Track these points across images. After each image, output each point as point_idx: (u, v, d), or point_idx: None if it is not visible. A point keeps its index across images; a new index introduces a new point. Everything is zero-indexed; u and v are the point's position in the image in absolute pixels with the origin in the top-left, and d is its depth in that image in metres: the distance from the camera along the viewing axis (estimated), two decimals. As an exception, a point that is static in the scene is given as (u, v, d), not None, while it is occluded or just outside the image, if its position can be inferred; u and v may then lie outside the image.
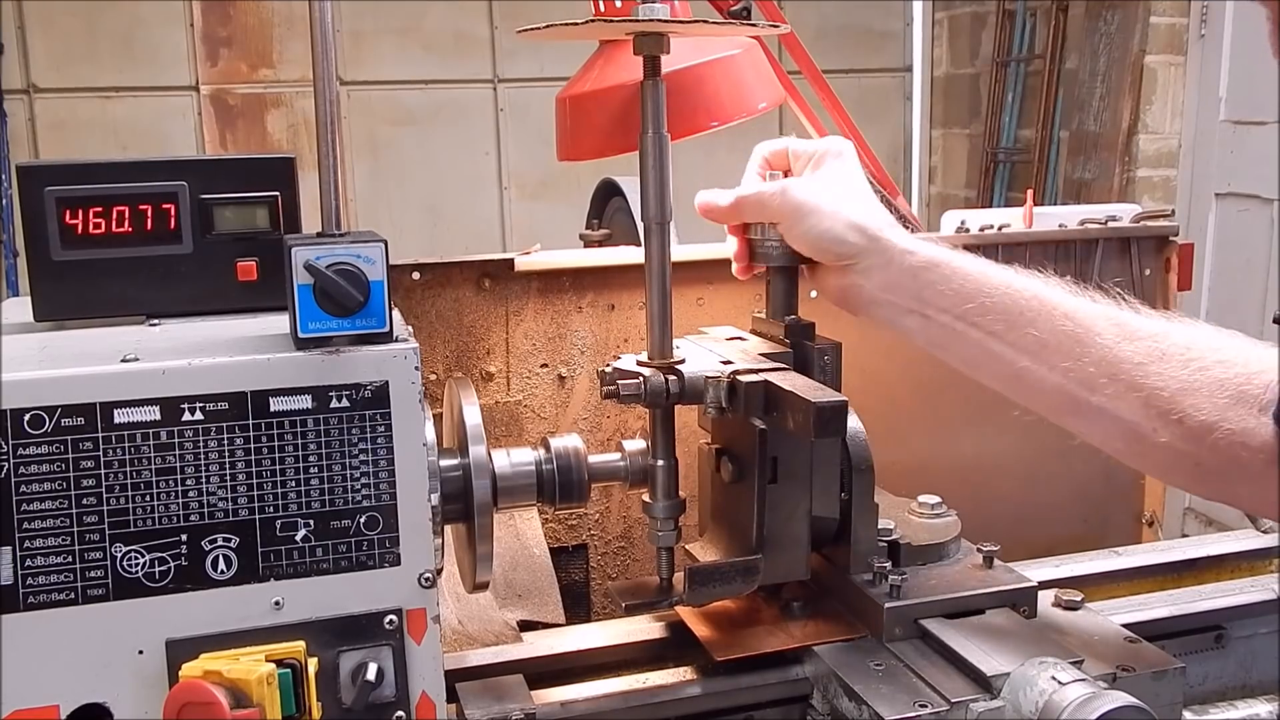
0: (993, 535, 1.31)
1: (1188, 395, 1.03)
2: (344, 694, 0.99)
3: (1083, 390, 1.09)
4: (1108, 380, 1.07)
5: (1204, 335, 1.08)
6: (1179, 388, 1.04)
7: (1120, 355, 1.07)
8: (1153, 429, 1.05)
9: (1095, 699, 1.00)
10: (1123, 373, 1.06)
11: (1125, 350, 1.07)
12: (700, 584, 1.20)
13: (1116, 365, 1.07)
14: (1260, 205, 4.30)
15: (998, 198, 5.84)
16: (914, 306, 1.17)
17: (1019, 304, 1.12)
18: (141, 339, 1.07)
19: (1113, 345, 1.08)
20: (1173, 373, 1.04)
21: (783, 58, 2.32)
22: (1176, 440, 1.04)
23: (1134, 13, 4.65)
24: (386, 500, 1.01)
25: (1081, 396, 1.09)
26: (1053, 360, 1.10)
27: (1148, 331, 1.08)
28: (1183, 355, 1.05)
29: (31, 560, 0.93)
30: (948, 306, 1.15)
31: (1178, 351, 1.06)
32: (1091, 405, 1.08)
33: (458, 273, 1.53)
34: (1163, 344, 1.07)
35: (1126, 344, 1.08)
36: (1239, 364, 1.03)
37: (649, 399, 1.18)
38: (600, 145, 1.59)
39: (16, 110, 5.47)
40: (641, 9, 1.14)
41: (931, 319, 1.16)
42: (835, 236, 1.17)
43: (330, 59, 1.03)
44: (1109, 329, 1.09)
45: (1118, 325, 1.09)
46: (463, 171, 6.08)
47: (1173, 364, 1.05)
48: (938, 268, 1.16)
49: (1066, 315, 1.11)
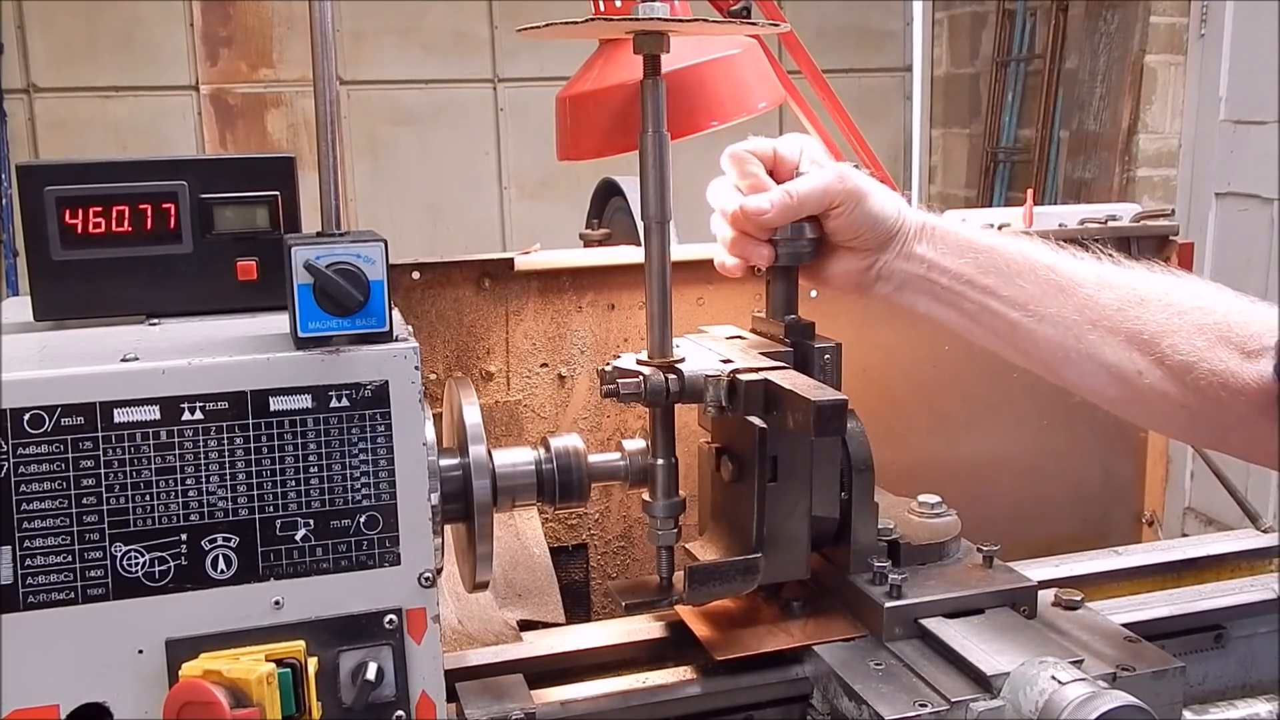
0: (992, 535, 1.31)
1: (1165, 336, 1.09)
2: (344, 693, 0.99)
3: (1070, 338, 1.14)
4: (1090, 326, 1.13)
5: (1183, 283, 1.14)
6: (1157, 329, 1.09)
7: (1100, 301, 1.13)
8: (1137, 371, 1.10)
9: (1095, 698, 1.00)
10: (1104, 318, 1.12)
11: (1105, 297, 1.13)
12: (700, 583, 1.20)
13: (1098, 311, 1.13)
14: (1260, 205, 4.30)
15: (998, 197, 5.83)
16: (920, 270, 1.22)
17: (1006, 259, 1.19)
18: (141, 339, 1.07)
19: (1094, 293, 1.14)
20: (1151, 316, 1.10)
21: (783, 57, 2.32)
22: (1160, 381, 1.09)
23: (1134, 12, 4.65)
24: (386, 500, 1.01)
25: (1070, 344, 1.14)
26: (1040, 311, 1.16)
27: (1126, 280, 1.14)
28: (1161, 300, 1.11)
29: (31, 560, 0.93)
30: (947, 266, 1.21)
31: (1156, 296, 1.12)
32: (1080, 352, 1.14)
33: (458, 272, 1.53)
34: (1141, 290, 1.13)
35: (1106, 291, 1.14)
36: (1218, 311, 1.09)
37: (649, 398, 1.18)
38: (600, 145, 1.59)
39: (16, 110, 5.46)
40: (641, 8, 1.14)
41: (935, 281, 1.21)
42: (885, 213, 1.22)
43: (330, 59, 1.03)
44: (1090, 279, 1.15)
45: (1098, 276, 1.16)
46: (463, 171, 6.08)
47: (1150, 308, 1.11)
48: (934, 229, 1.22)
49: (1050, 268, 1.17)
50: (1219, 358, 1.05)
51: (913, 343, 1.67)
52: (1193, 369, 1.06)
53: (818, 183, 1.21)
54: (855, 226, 1.22)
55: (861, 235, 1.22)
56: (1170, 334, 1.08)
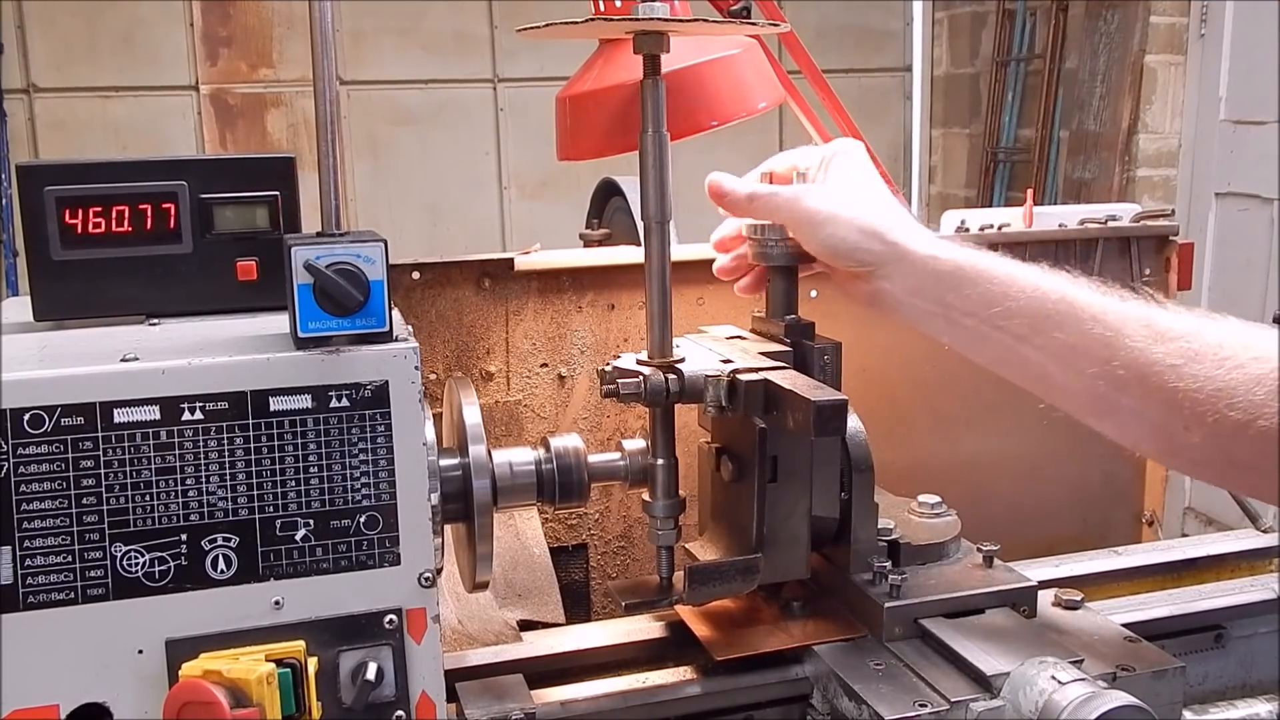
0: (993, 535, 1.31)
1: (1223, 395, 1.00)
2: (344, 693, 0.99)
3: (1113, 392, 1.07)
4: (1138, 382, 1.05)
5: (1234, 331, 1.05)
6: (1214, 389, 1.01)
7: (1152, 358, 1.04)
8: (1184, 428, 1.03)
9: (1095, 698, 1.00)
10: (1154, 375, 1.04)
11: (1156, 352, 1.04)
12: (700, 583, 1.20)
13: (1148, 368, 1.04)
14: (1260, 205, 4.30)
15: (998, 197, 5.83)
16: (938, 310, 1.15)
17: (1045, 307, 1.10)
18: (141, 339, 1.07)
19: (1143, 347, 1.05)
20: (1207, 373, 1.02)
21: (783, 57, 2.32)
22: (1209, 438, 1.02)
23: (1134, 12, 4.65)
24: (386, 500, 1.01)
25: (1111, 399, 1.07)
26: (1080, 365, 1.08)
27: (1179, 331, 1.06)
28: (1215, 354, 1.02)
29: (31, 560, 0.93)
30: (973, 310, 1.13)
31: (1210, 351, 1.03)
32: (1121, 407, 1.07)
33: (458, 272, 1.53)
34: (1194, 344, 1.04)
35: (1157, 345, 1.05)
36: (1272, 358, 1.01)
37: (649, 398, 1.18)
38: (600, 145, 1.58)
39: (16, 110, 5.46)
40: (641, 8, 1.14)
41: (957, 322, 1.14)
42: (853, 245, 1.16)
43: (330, 59, 1.03)
44: (1139, 330, 1.06)
45: (1147, 326, 1.07)
46: (463, 171, 6.08)
47: (1206, 364, 1.02)
48: (961, 271, 1.14)
49: (1094, 318, 1.08)
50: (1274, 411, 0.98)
51: (913, 343, 1.66)
52: (1247, 428, 0.99)
53: (775, 196, 1.21)
54: (820, 252, 1.19)
55: (836, 260, 1.18)
56: (1228, 392, 1.00)
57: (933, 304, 1.15)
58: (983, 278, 1.13)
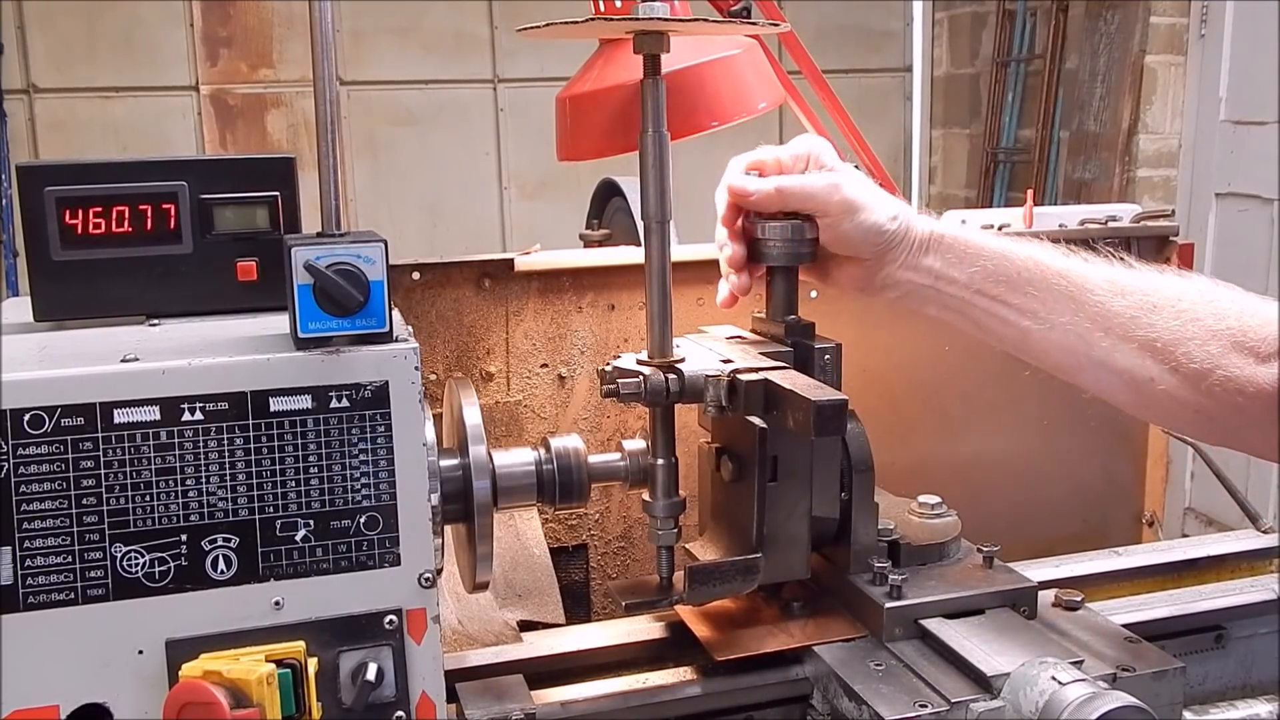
0: (993, 535, 1.31)
1: (1179, 344, 1.08)
2: (344, 694, 0.99)
3: (1083, 345, 1.14)
4: (1104, 334, 1.13)
5: (1196, 287, 1.13)
6: (1171, 337, 1.09)
7: (1114, 309, 1.13)
8: (1150, 378, 1.10)
9: (1095, 699, 1.00)
10: (1117, 326, 1.12)
11: (1117, 304, 1.13)
12: (700, 583, 1.20)
13: (1110, 319, 1.13)
14: (1260, 205, 4.29)
15: (998, 198, 5.83)
16: (926, 281, 1.22)
17: (1016, 267, 1.18)
18: (141, 339, 1.07)
19: (1106, 300, 1.14)
20: (1164, 323, 1.10)
21: (783, 58, 2.32)
22: (1174, 388, 1.09)
23: (1134, 13, 4.65)
24: (386, 500, 1.01)
25: (1082, 351, 1.14)
26: (1051, 318, 1.16)
27: (1139, 285, 1.14)
28: (1174, 306, 1.11)
29: (31, 560, 0.93)
30: (955, 275, 1.20)
31: (1169, 303, 1.11)
32: (1093, 359, 1.14)
33: (458, 273, 1.53)
34: (1154, 297, 1.12)
35: (1119, 299, 1.13)
36: (1232, 315, 1.08)
37: (649, 397, 1.18)
38: (600, 145, 1.59)
39: (16, 110, 5.46)
40: (641, 8, 1.14)
41: (942, 290, 1.21)
42: (880, 228, 1.21)
43: (330, 59, 1.03)
44: (1102, 285, 1.15)
45: (1110, 281, 1.15)
46: (463, 171, 6.07)
47: (1164, 315, 1.10)
48: (941, 239, 1.22)
49: (1060, 274, 1.17)
50: (1233, 364, 1.05)
51: (913, 343, 1.67)
52: (1207, 376, 1.06)
53: (807, 185, 1.22)
54: (846, 239, 1.22)
55: (855, 248, 1.23)
56: (1184, 341, 1.08)
57: (922, 275, 1.22)
58: (959, 242, 1.21)
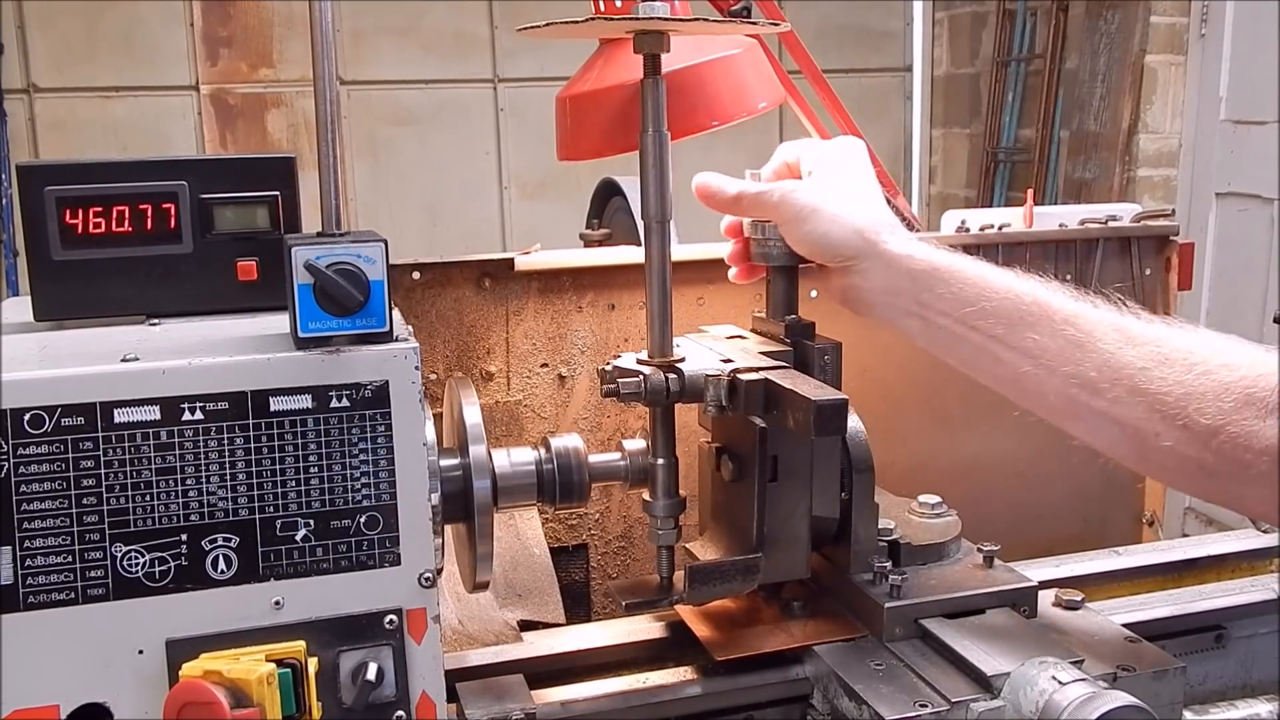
0: (993, 535, 1.31)
1: (1192, 400, 1.02)
2: (344, 694, 0.99)
3: (1084, 394, 1.08)
4: (1110, 385, 1.07)
5: (1206, 340, 1.07)
6: (1183, 392, 1.03)
7: (1123, 360, 1.07)
8: (1156, 433, 1.05)
9: (1096, 699, 1.00)
10: (1125, 377, 1.06)
11: (1128, 355, 1.07)
12: (700, 582, 1.20)
13: (1119, 370, 1.07)
14: (1260, 205, 4.29)
15: (998, 197, 5.83)
16: (914, 309, 1.18)
17: (1020, 308, 1.12)
18: (141, 339, 1.07)
19: (1115, 350, 1.07)
20: (1176, 377, 1.04)
21: (783, 57, 2.32)
22: (1180, 444, 1.03)
23: (1134, 12, 4.65)
24: (386, 500, 1.01)
25: (1083, 401, 1.09)
26: (1053, 365, 1.10)
27: (1150, 336, 1.08)
28: (1185, 360, 1.05)
29: (31, 560, 0.93)
30: (947, 310, 1.15)
31: (1180, 356, 1.05)
32: (1093, 410, 1.08)
33: (458, 272, 1.53)
34: (1165, 349, 1.06)
35: (1129, 349, 1.07)
36: (1243, 367, 1.03)
37: (649, 397, 1.18)
38: (600, 145, 1.58)
39: (16, 110, 5.46)
40: (641, 7, 1.14)
41: (931, 321, 1.17)
42: (833, 239, 1.18)
43: (330, 59, 1.03)
44: (1110, 334, 1.09)
45: (1119, 330, 1.09)
46: (463, 171, 6.08)
47: (1176, 369, 1.04)
48: (936, 272, 1.16)
49: (1067, 320, 1.11)
50: (1244, 419, 1.00)
51: (912, 343, 1.67)
52: (1218, 434, 1.01)
53: (759, 193, 1.22)
54: (801, 245, 1.21)
55: (815, 254, 1.21)
56: (1196, 397, 1.03)
57: (908, 302, 1.17)
58: (957, 278, 1.15)
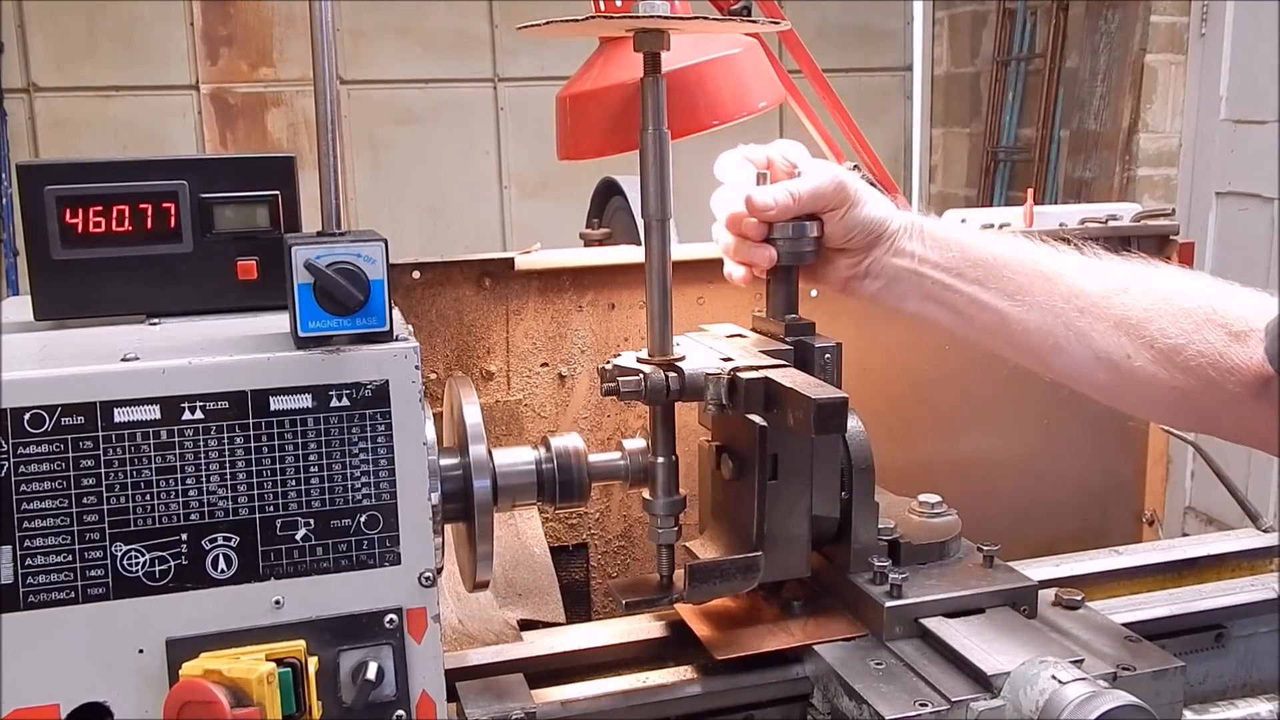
0: (993, 534, 1.31)
1: (1152, 320, 1.12)
2: (344, 693, 0.99)
3: (1059, 325, 1.18)
4: (1079, 312, 1.17)
5: (1163, 271, 1.18)
6: (1143, 314, 1.13)
7: (1087, 289, 1.17)
8: (1126, 355, 1.13)
9: (1096, 698, 1.00)
10: (1091, 304, 1.16)
11: (1091, 285, 1.18)
12: (701, 581, 1.20)
13: (1085, 298, 1.17)
14: (1260, 204, 4.29)
15: (998, 197, 5.83)
16: (909, 265, 1.25)
17: (993, 253, 1.23)
18: (142, 338, 1.07)
19: (1079, 281, 1.18)
20: (1135, 301, 1.14)
21: (783, 57, 2.32)
22: (1148, 364, 1.12)
23: (1134, 12, 4.64)
24: (387, 499, 1.01)
25: (1059, 331, 1.18)
26: (1029, 299, 1.20)
27: (1110, 269, 1.19)
28: (1144, 287, 1.15)
29: (31, 559, 0.93)
30: (937, 260, 1.24)
31: (1139, 284, 1.16)
32: (1069, 339, 1.17)
33: (458, 272, 1.53)
34: (1125, 279, 1.17)
35: (1091, 280, 1.18)
36: (1200, 295, 1.12)
37: (649, 396, 1.18)
38: (600, 144, 1.58)
39: (16, 109, 5.46)
40: (641, 6, 1.14)
41: (924, 275, 1.25)
42: (878, 217, 1.26)
43: (330, 58, 1.03)
44: (1075, 268, 1.20)
45: (1082, 265, 1.21)
46: (463, 171, 6.07)
47: (1135, 295, 1.15)
48: (921, 227, 1.27)
49: (1037, 260, 1.22)
50: (1206, 339, 1.09)
51: (913, 343, 1.67)
52: (1181, 350, 1.09)
53: (815, 184, 1.25)
54: (848, 230, 1.26)
55: (854, 238, 1.26)
56: (1157, 317, 1.12)
57: (905, 259, 1.26)
58: (938, 230, 1.27)
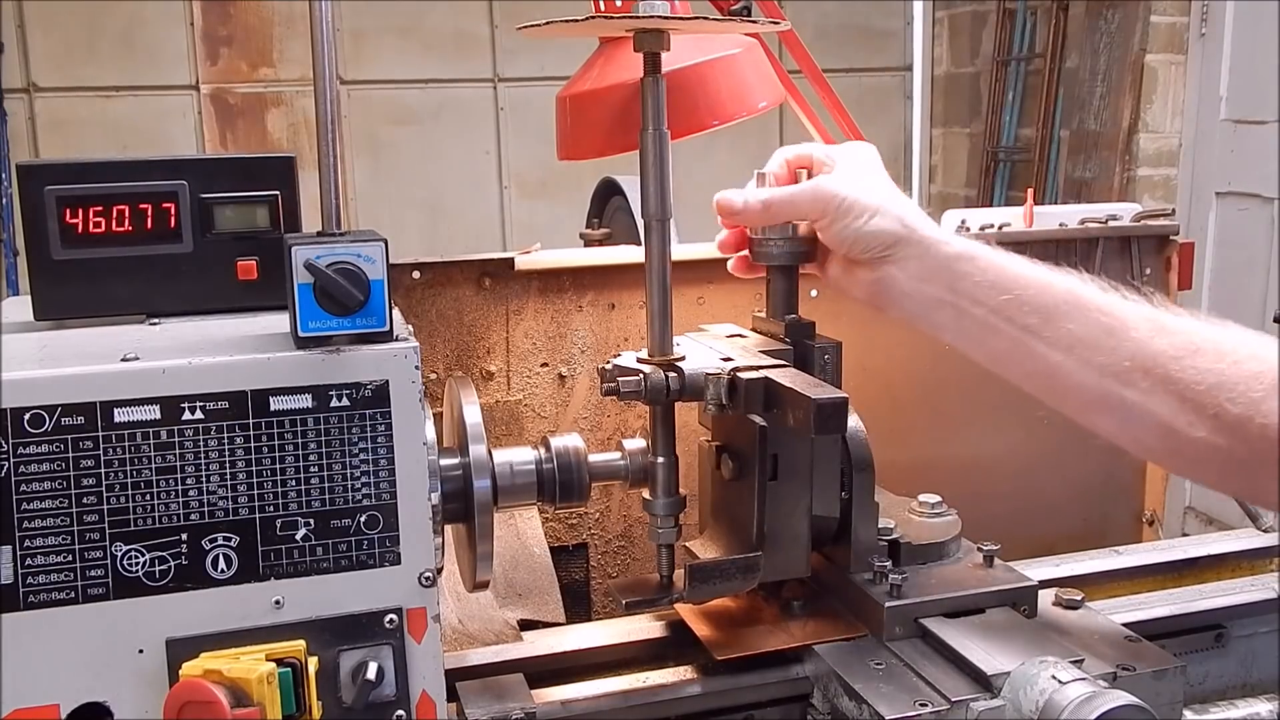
0: (993, 534, 1.31)
1: (1224, 389, 1.02)
2: (344, 693, 0.99)
3: (1117, 385, 1.08)
4: (1143, 375, 1.06)
5: (1233, 332, 1.07)
6: (1215, 381, 1.03)
7: (1156, 349, 1.06)
8: (1188, 423, 1.04)
9: (1096, 698, 1.00)
10: (1158, 366, 1.06)
11: (1160, 344, 1.06)
12: (701, 581, 1.20)
13: (1152, 359, 1.06)
14: (1260, 204, 4.29)
15: (998, 197, 5.83)
16: (948, 298, 1.15)
17: (1055, 299, 1.11)
18: (142, 338, 1.07)
19: (1148, 339, 1.07)
20: (1208, 365, 1.04)
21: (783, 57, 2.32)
22: (1212, 434, 1.03)
23: (1134, 12, 4.64)
24: (387, 499, 1.01)
25: (1115, 392, 1.08)
26: (1088, 355, 1.09)
27: (1180, 327, 1.08)
28: (1215, 349, 1.05)
29: (31, 559, 0.93)
30: (983, 299, 1.13)
31: (1210, 346, 1.05)
32: (1125, 402, 1.08)
33: (458, 272, 1.53)
34: (1195, 339, 1.06)
35: (1161, 338, 1.07)
36: (1269, 360, 1.03)
37: (649, 396, 1.18)
38: (600, 144, 1.58)
39: (16, 109, 5.46)
40: (641, 6, 1.14)
41: (965, 311, 1.15)
42: (876, 228, 1.16)
43: (330, 58, 1.03)
44: (1143, 323, 1.08)
45: (1151, 320, 1.09)
46: (463, 170, 6.08)
47: (1207, 358, 1.04)
48: (974, 259, 1.15)
49: (1101, 310, 1.10)
50: (1272, 409, 1.00)
51: (913, 343, 1.67)
52: (1248, 423, 1.01)
53: (790, 192, 1.21)
54: (841, 241, 1.18)
55: (856, 246, 1.18)
56: (1229, 386, 1.03)
57: (942, 290, 1.15)
58: (993, 267, 1.14)
